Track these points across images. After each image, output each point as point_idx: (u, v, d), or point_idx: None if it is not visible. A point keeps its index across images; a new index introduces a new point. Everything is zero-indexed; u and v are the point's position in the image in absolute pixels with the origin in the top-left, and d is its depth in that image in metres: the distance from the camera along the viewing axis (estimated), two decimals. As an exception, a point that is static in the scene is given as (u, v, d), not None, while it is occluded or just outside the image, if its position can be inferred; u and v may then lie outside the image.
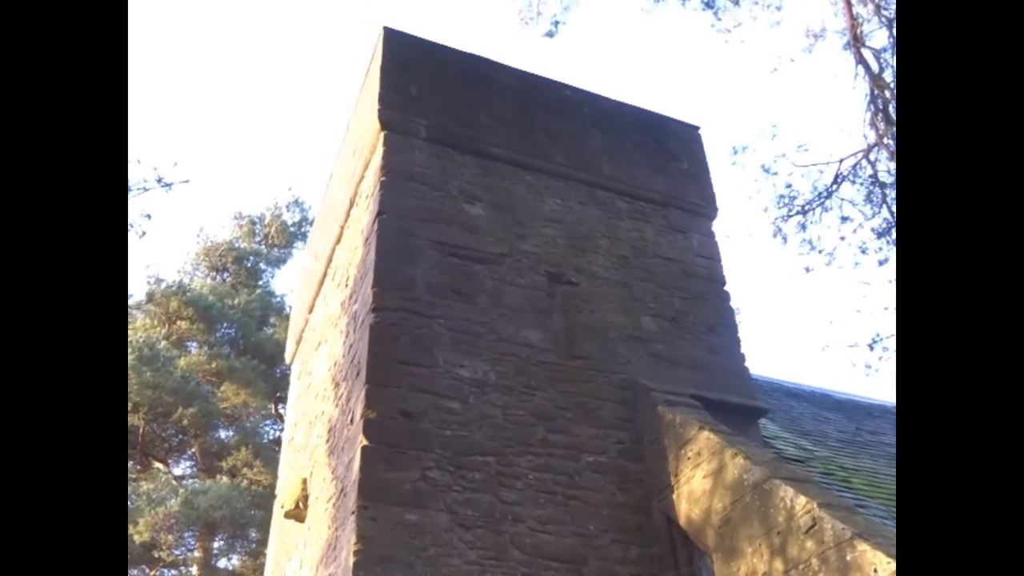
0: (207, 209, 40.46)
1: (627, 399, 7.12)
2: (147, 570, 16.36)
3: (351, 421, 6.47)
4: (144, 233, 8.23)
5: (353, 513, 5.69)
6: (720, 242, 8.99)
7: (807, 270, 11.29)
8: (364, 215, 7.93)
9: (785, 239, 11.05)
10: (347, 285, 8.01)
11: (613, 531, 6.32)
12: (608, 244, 8.25)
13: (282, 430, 18.27)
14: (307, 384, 9.45)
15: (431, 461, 6.04)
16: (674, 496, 6.24)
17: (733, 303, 8.54)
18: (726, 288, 8.60)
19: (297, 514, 7.71)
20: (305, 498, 7.64)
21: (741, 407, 7.44)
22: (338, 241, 8.99)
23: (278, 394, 18.47)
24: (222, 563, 17.26)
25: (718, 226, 9.16)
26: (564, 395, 6.89)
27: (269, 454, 16.62)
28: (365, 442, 5.95)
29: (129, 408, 15.02)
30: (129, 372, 14.80)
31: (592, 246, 8.13)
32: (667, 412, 6.63)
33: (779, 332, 35.94)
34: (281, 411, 18.50)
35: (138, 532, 13.89)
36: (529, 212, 8.02)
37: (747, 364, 8.07)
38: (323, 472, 7.13)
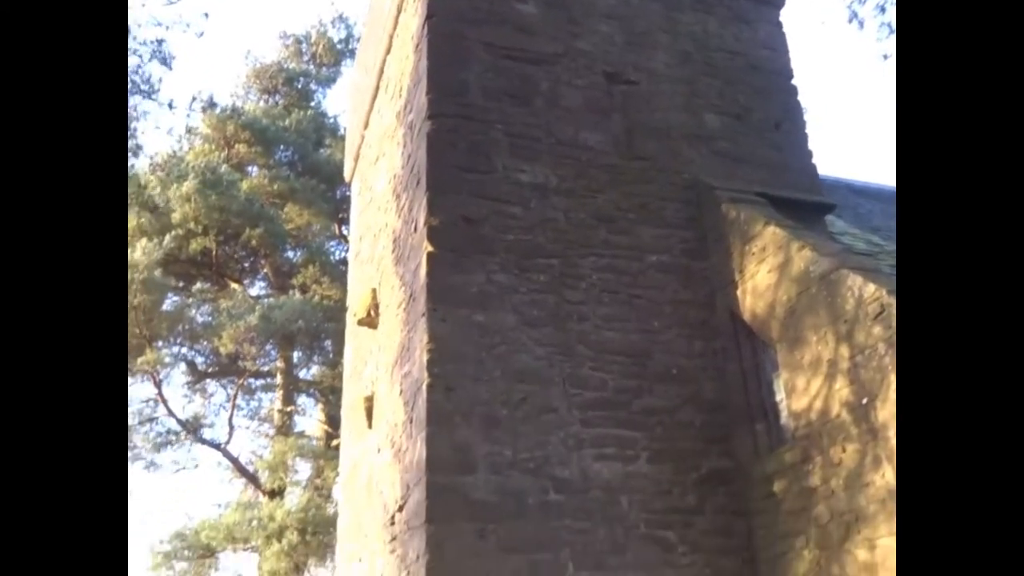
0: (253, 30, 39.62)
1: (690, 199, 7.03)
2: (235, 380, 17.56)
3: (415, 229, 6.56)
4: (202, 33, 8.10)
5: (423, 316, 5.90)
6: (787, 33, 8.48)
7: (885, 57, 10.60)
8: (413, 20, 7.64)
9: (862, 24, 10.32)
10: (400, 95, 7.86)
11: (677, 327, 6.44)
12: (669, 39, 7.84)
13: (346, 250, 18.76)
14: (368, 199, 9.56)
15: (495, 265, 6.15)
16: (738, 292, 6.28)
17: (801, 98, 8.16)
18: (793, 82, 8.19)
19: (369, 322, 8.04)
20: (376, 306, 7.93)
21: (807, 203, 7.29)
22: (388, 51, 8.74)
23: (340, 215, 18.80)
24: (302, 373, 18.39)
25: (786, 15, 8.61)
26: (626, 196, 6.83)
27: (336, 271, 17.18)
28: (430, 248, 6.06)
29: (199, 231, 15.54)
30: (195, 196, 15.17)
31: (651, 42, 7.74)
32: (731, 209, 6.54)
33: (850, 128, 34.55)
34: (344, 231, 18.91)
35: (223, 344, 14.80)
36: (584, 8, 7.61)
37: (814, 161, 7.82)
38: (391, 281, 7.34)
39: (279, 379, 17.63)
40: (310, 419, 18.65)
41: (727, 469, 6.01)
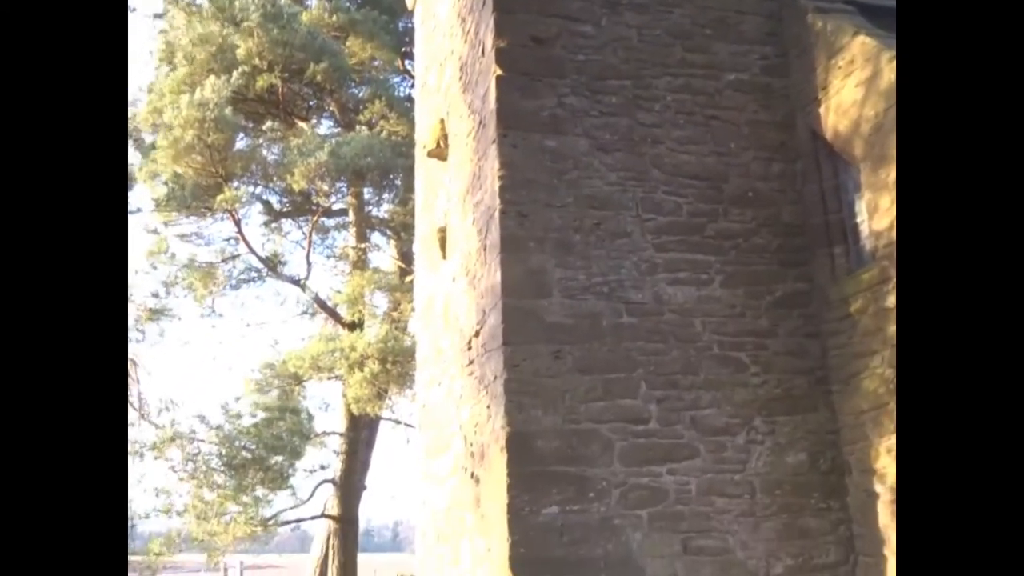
0: None
1: (772, 11, 6.59)
2: (309, 218, 17.98)
3: (482, 53, 6.36)
4: None
5: (494, 142, 5.83)
6: None
7: None
8: None
9: None
10: (461, -91, 7.41)
11: (754, 149, 6.23)
12: None
13: (411, 85, 18.43)
14: (432, 27, 9.26)
15: (566, 87, 5.97)
16: (821, 109, 5.98)
17: None
18: None
19: (439, 153, 8.00)
20: (445, 137, 7.85)
21: (901, 12, 6.76)
22: None
23: (403, 49, 18.35)
24: (373, 211, 18.69)
25: None
26: (702, 11, 6.44)
27: (402, 106, 16.97)
28: (499, 71, 5.89)
29: (264, 67, 15.39)
30: (256, 31, 14.92)
31: None
32: (817, 20, 6.12)
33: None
34: (408, 66, 18.52)
35: (295, 182, 15.02)
36: None
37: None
38: (460, 109, 7.22)
39: (351, 216, 17.95)
40: (384, 255, 19.12)
41: (803, 292, 5.97)
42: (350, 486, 17.12)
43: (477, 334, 6.40)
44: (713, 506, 5.44)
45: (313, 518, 17.47)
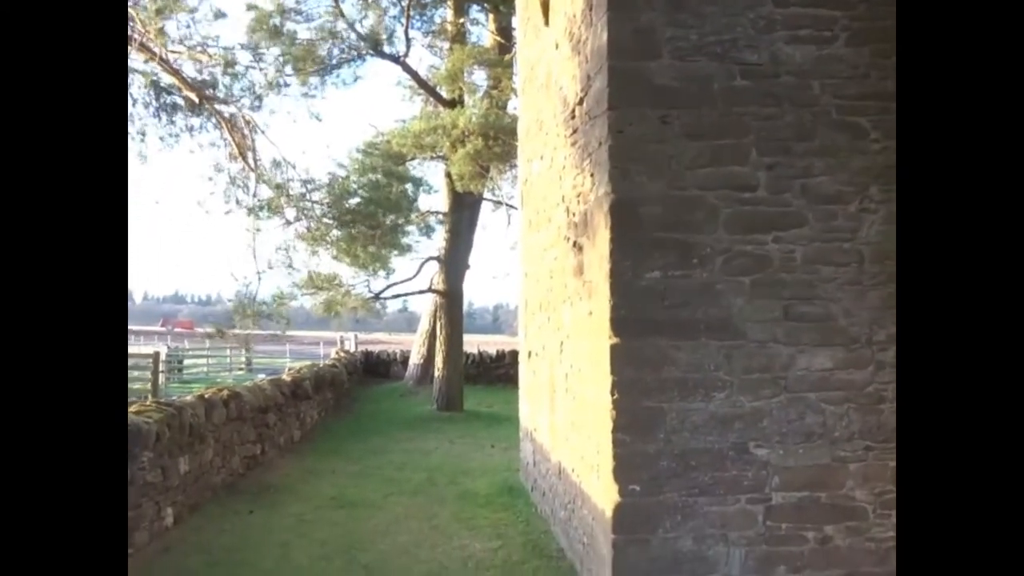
0: None
1: None
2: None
3: None
4: None
5: None
6: None
7: None
8: None
9: None
10: None
11: None
12: None
13: None
14: None
15: None
16: None
17: None
18: None
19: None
20: None
21: None
22: None
23: None
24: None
25: None
26: None
27: None
28: None
29: None
30: None
31: None
32: None
33: None
34: None
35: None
36: None
37: None
38: None
39: (449, -11, 17.33)
40: (483, 29, 18.54)
41: (937, 51, 5.48)
42: (455, 263, 17.83)
43: (581, 101, 6.24)
44: (818, 274, 5.40)
45: (420, 292, 18.44)
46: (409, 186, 15.85)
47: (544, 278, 8.16)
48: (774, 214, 5.39)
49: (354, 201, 15.30)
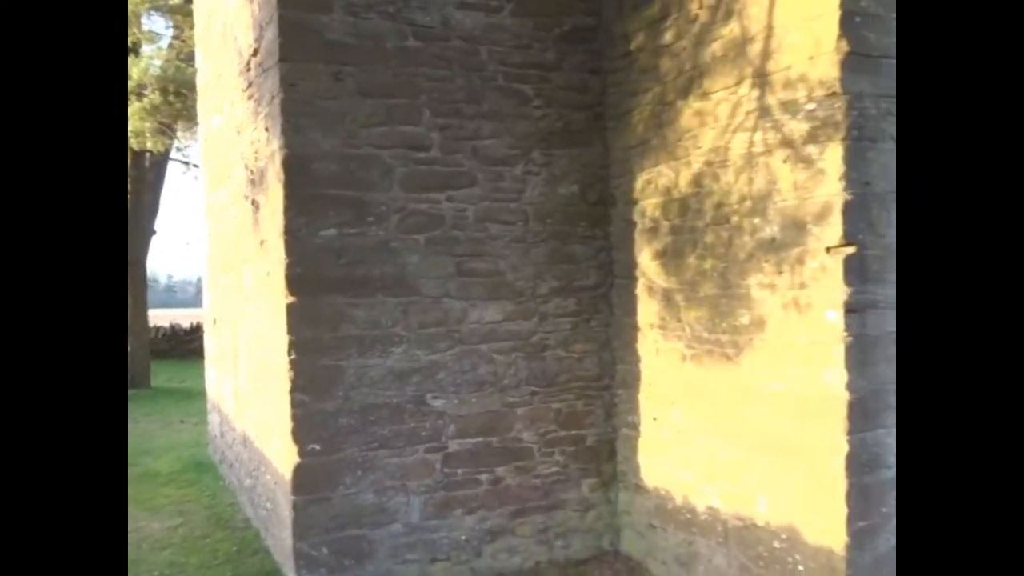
0: None
1: None
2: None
3: None
4: None
5: None
6: None
7: None
8: None
9: None
10: None
11: None
12: None
13: None
14: None
15: None
16: None
17: None
18: None
19: None
20: None
21: None
22: None
23: None
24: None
25: None
26: None
27: None
28: None
29: None
30: None
31: None
32: None
33: None
34: None
35: None
36: None
37: None
38: None
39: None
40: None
41: (590, 27, 5.99)
42: (135, 229, 16.38)
43: (255, 52, 5.99)
44: (487, 232, 5.70)
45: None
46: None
47: (227, 239, 7.78)
48: (447, 174, 5.59)
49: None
